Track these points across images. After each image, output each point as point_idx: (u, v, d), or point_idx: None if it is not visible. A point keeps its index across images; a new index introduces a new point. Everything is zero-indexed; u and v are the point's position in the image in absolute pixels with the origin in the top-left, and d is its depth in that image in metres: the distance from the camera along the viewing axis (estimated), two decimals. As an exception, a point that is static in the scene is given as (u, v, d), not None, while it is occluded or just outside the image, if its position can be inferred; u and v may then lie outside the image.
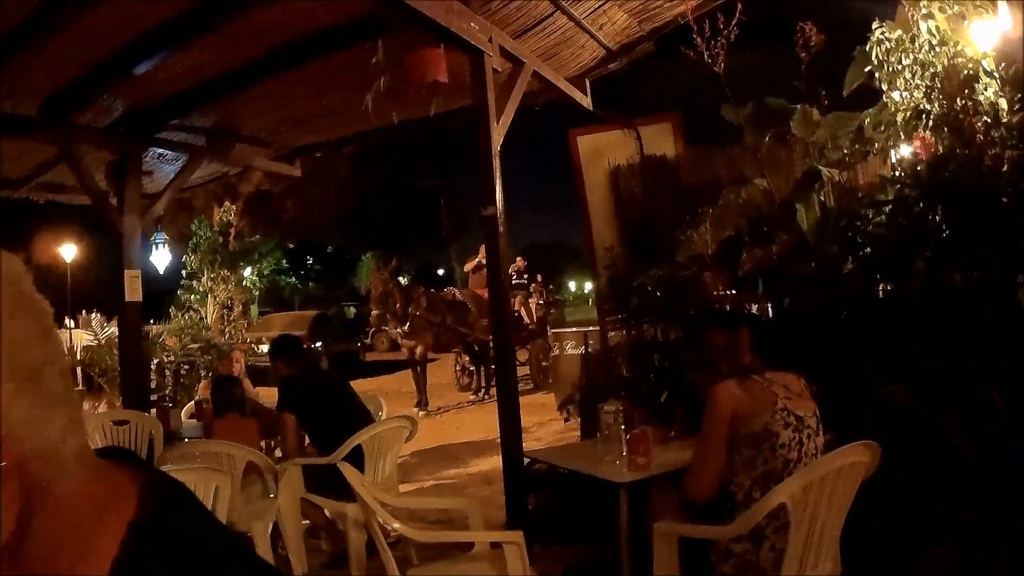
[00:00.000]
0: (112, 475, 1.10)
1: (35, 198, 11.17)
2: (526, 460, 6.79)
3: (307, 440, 7.16)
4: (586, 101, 9.24)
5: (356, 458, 6.29)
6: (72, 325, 21.26)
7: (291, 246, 50.07)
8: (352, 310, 44.11)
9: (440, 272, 60.55)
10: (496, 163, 6.94)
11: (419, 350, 16.31)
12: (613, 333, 8.99)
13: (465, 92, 7.33)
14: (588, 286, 52.29)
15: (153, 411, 8.11)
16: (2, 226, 27.54)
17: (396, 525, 4.50)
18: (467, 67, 7.00)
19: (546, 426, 12.84)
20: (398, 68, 7.09)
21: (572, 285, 56.79)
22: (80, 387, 10.85)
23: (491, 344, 16.71)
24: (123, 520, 1.05)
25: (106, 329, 16.91)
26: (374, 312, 16.32)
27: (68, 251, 34.76)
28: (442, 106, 9.12)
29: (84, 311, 21.34)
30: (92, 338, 17.20)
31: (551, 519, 6.81)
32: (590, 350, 12.05)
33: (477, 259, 18.22)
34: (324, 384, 7.33)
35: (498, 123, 7.06)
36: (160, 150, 10.01)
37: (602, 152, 9.68)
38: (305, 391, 6.99)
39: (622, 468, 5.08)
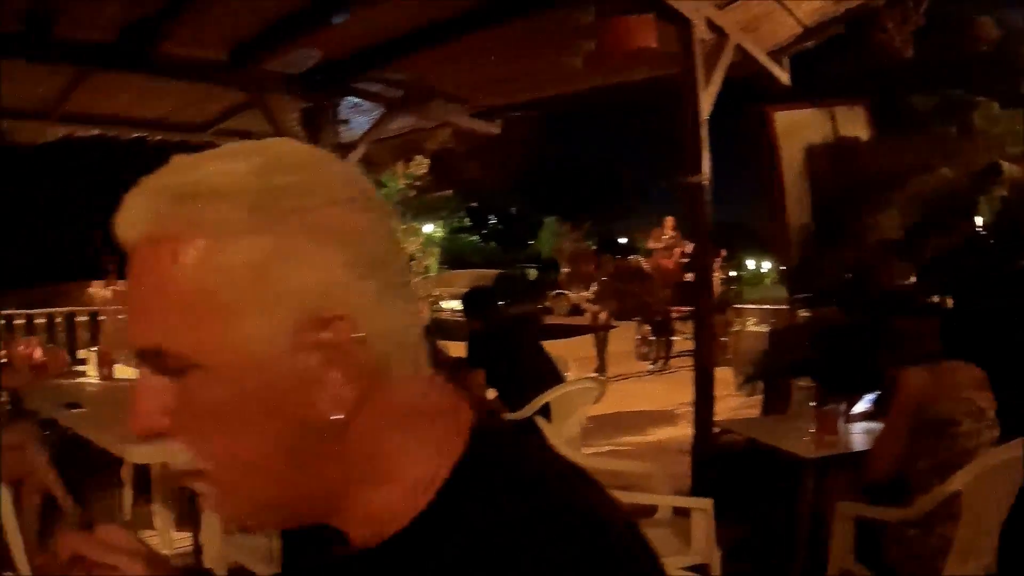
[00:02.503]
0: (446, 385, 1.14)
1: (219, 143, 11.32)
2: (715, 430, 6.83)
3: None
4: (784, 77, 9.12)
5: (542, 417, 6.28)
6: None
7: (474, 204, 50.27)
8: (533, 272, 44.04)
9: (621, 241, 60.36)
10: (704, 132, 6.96)
11: (603, 315, 16.36)
12: (801, 312, 8.98)
13: (657, 63, 7.40)
14: (766, 265, 51.43)
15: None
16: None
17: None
18: (665, 37, 6.99)
19: (722, 401, 12.80)
20: (601, 33, 6.98)
21: (751, 263, 55.87)
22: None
23: (672, 316, 16.74)
24: (457, 431, 1.09)
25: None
26: (564, 270, 16.39)
27: None
28: (634, 76, 9.12)
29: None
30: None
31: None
32: (773, 328, 11.98)
33: (664, 233, 18.12)
34: (515, 341, 7.38)
35: (704, 93, 7.09)
36: (356, 100, 9.99)
37: (796, 130, 9.45)
38: (496, 347, 7.04)
39: (810, 444, 5.11)
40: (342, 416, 1.00)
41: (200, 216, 0.97)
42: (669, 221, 17.94)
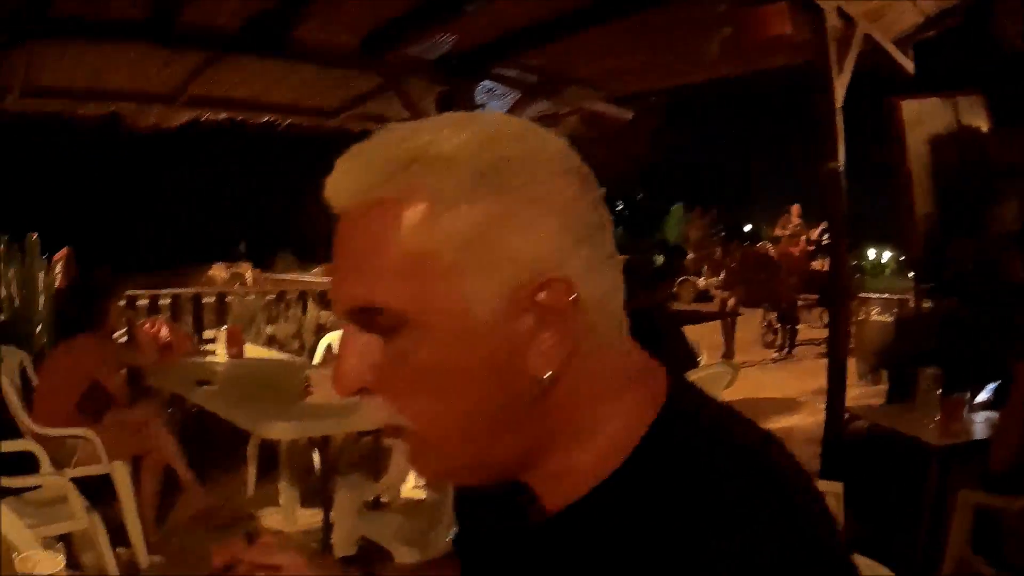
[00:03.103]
0: (642, 351, 1.18)
1: (352, 127, 11.05)
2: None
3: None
4: (909, 66, 9.00)
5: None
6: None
7: (601, 190, 50.33)
8: (660, 258, 43.98)
9: (746, 228, 59.81)
10: (839, 119, 6.89)
11: (731, 302, 16.27)
12: (926, 302, 8.86)
13: (790, 51, 7.33)
14: (886, 255, 50.64)
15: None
16: (306, 155, 28.36)
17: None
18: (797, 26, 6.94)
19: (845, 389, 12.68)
20: (737, 21, 7.01)
21: (871, 253, 54.88)
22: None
23: (798, 304, 16.60)
24: (653, 394, 1.12)
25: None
26: (690, 257, 16.34)
27: None
28: (765, 64, 9.06)
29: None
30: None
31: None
32: (899, 317, 11.82)
33: (791, 221, 17.96)
34: (656, 324, 7.22)
35: (838, 80, 7.06)
36: (491, 84, 9.94)
37: (921, 120, 9.30)
38: (636, 329, 7.01)
39: (936, 432, 5.07)
40: (551, 376, 1.03)
41: (423, 181, 1.02)
42: (795, 209, 17.77)
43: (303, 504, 6.48)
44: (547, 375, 1.03)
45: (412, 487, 5.96)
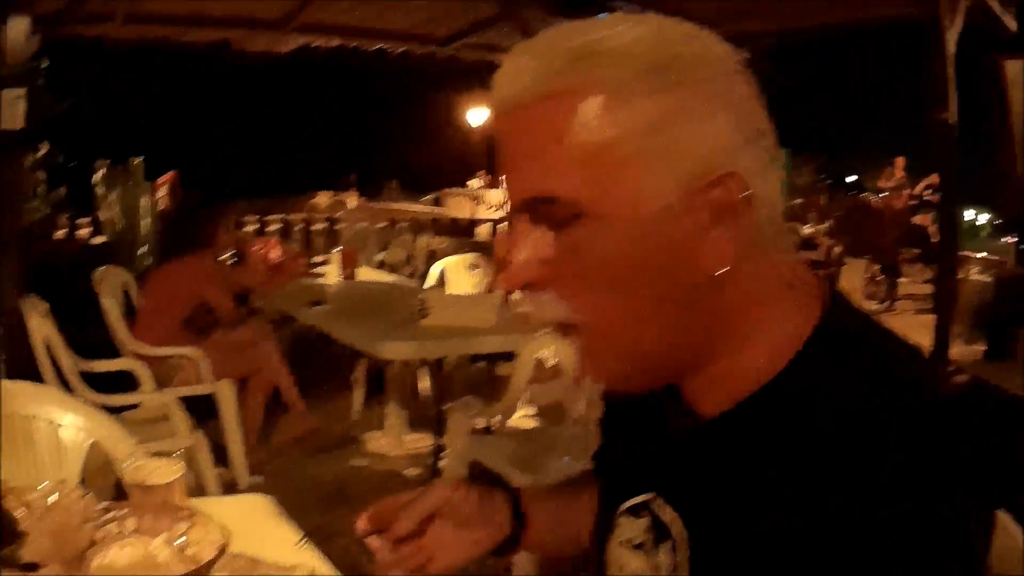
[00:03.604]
0: (802, 260, 1.19)
1: (465, 57, 10.84)
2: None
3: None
4: (1012, 24, 8.78)
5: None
6: (477, 186, 21.82)
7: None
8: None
9: (849, 179, 59.00)
10: (951, 70, 6.81)
11: (837, 250, 16.08)
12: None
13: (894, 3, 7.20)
14: (983, 218, 49.73)
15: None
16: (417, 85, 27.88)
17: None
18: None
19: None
20: None
21: (968, 214, 53.91)
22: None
23: (900, 257, 16.32)
24: (812, 302, 1.12)
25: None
26: (797, 201, 16.12)
27: (476, 116, 35.11)
28: (875, 12, 8.86)
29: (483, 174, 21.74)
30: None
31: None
32: (998, 277, 11.62)
33: (895, 173, 17.63)
34: None
35: (950, 31, 6.92)
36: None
37: (1022, 81, 9.14)
38: None
39: None
40: (722, 273, 1.04)
41: (601, 73, 1.01)
42: (900, 162, 17.45)
43: (409, 429, 6.48)
44: (719, 271, 1.04)
45: (520, 416, 6.05)
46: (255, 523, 1.91)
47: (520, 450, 4.46)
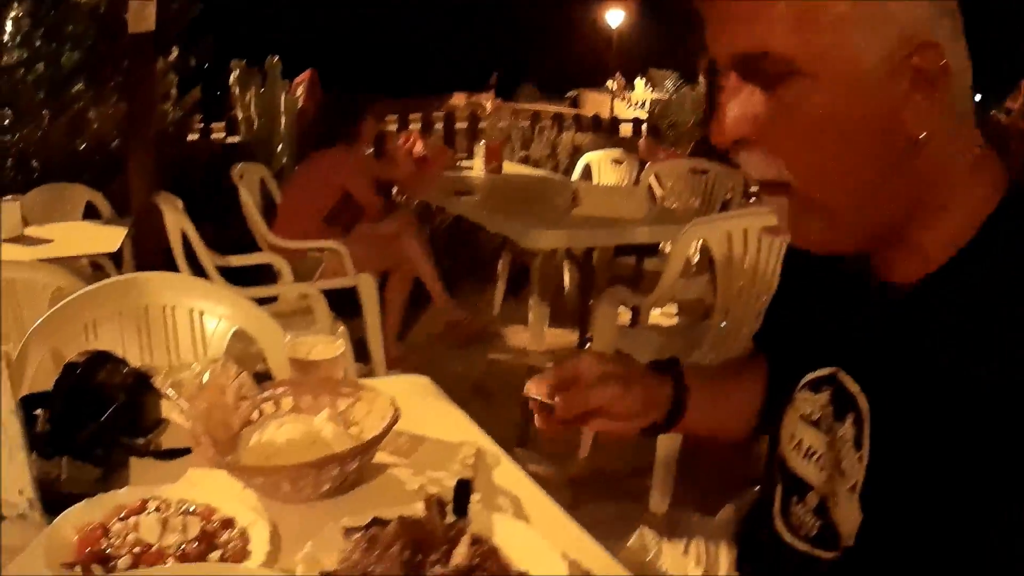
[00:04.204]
0: (983, 140, 1.18)
1: None
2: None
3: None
4: None
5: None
6: (613, 87, 21.60)
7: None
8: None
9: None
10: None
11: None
12: None
13: None
14: None
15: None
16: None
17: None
18: None
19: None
20: None
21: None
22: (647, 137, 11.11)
23: None
24: (999, 176, 1.16)
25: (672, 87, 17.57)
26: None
27: (614, 16, 34.83)
28: None
29: (619, 74, 21.52)
30: (657, 95, 17.83)
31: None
32: None
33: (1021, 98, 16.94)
34: None
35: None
36: None
37: None
38: None
39: None
40: (923, 136, 1.07)
41: None
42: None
43: (551, 324, 6.46)
44: (921, 135, 1.07)
45: (661, 313, 6.09)
46: (416, 402, 1.84)
47: (666, 344, 4.41)
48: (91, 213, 6.08)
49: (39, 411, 1.69)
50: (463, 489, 1.49)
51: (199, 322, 2.67)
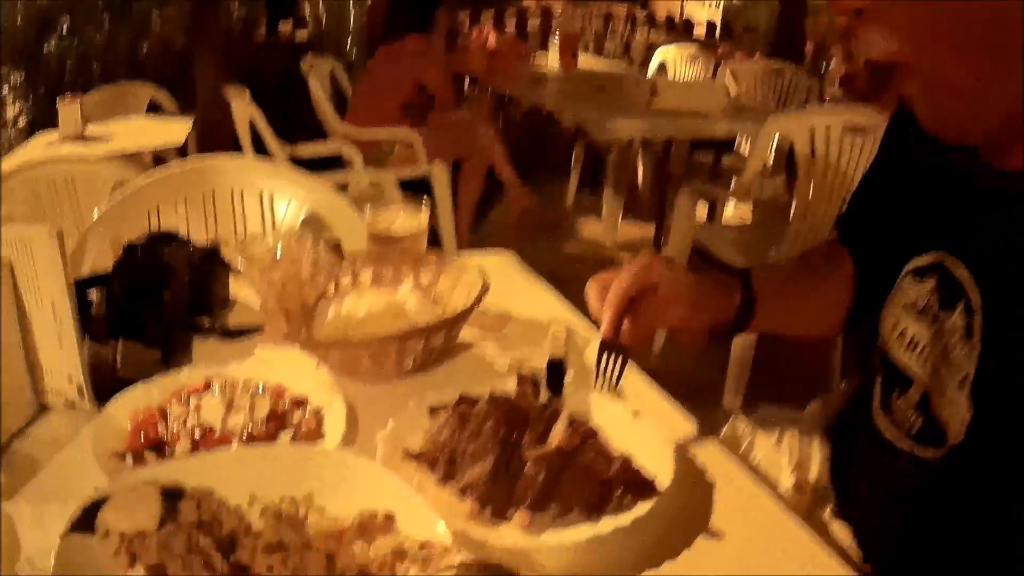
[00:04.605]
0: None
1: None
2: None
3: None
4: None
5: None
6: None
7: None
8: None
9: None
10: None
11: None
12: None
13: None
14: None
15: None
16: None
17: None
18: None
19: None
20: None
21: None
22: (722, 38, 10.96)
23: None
24: None
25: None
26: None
27: None
28: None
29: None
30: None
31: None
32: None
33: None
34: None
35: None
36: None
37: None
38: None
39: None
40: None
41: None
42: None
43: (624, 217, 6.37)
44: None
45: (734, 214, 5.99)
46: (501, 279, 1.70)
47: (744, 240, 4.36)
48: (156, 113, 5.97)
49: (94, 294, 1.58)
50: (556, 368, 1.41)
51: (269, 205, 2.57)
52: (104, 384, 1.36)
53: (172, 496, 0.99)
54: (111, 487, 0.99)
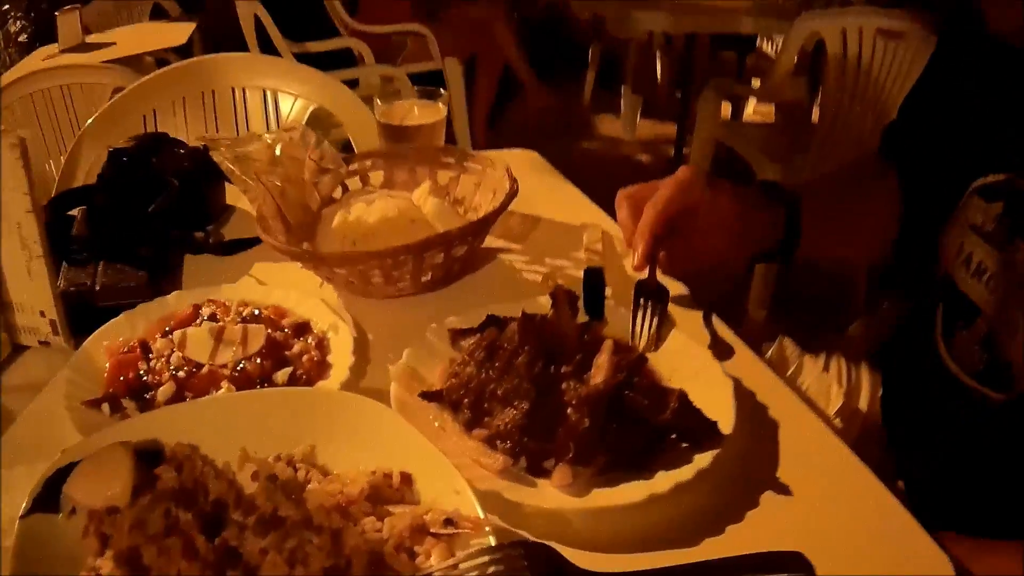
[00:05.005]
0: None
1: None
2: None
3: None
4: None
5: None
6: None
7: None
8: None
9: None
10: None
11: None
12: None
13: None
14: None
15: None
16: None
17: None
18: None
19: None
20: None
21: None
22: None
23: None
24: None
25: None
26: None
27: None
28: None
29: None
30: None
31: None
32: None
33: None
34: None
35: None
36: None
37: None
38: None
39: None
40: None
41: None
42: None
43: (642, 115, 6.27)
44: None
45: (755, 112, 5.97)
46: (526, 179, 1.47)
47: (769, 140, 4.20)
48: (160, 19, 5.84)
49: (75, 211, 1.43)
50: (594, 280, 1.24)
51: (273, 104, 2.44)
52: (84, 315, 1.20)
53: (150, 457, 0.84)
54: (80, 448, 0.83)
